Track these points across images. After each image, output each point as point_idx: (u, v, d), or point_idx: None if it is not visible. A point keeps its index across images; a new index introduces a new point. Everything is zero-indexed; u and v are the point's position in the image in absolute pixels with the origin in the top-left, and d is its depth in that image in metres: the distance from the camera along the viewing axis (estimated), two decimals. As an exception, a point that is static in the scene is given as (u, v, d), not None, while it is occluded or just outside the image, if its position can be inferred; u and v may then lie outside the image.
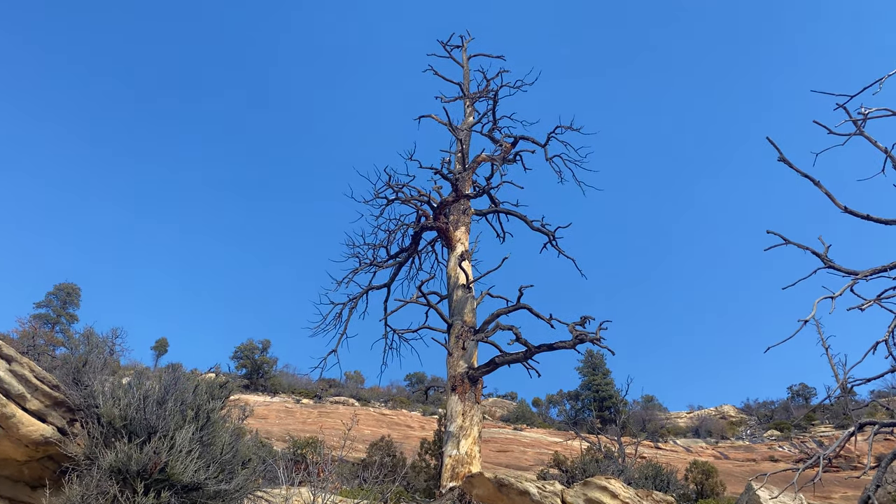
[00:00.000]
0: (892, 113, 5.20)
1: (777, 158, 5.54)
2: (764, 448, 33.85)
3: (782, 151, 5.49)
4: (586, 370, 44.35)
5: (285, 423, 31.15)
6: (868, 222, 5.26)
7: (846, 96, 5.29)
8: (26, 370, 5.05)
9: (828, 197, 5.46)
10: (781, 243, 5.73)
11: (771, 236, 5.86)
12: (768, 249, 5.85)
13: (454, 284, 15.53)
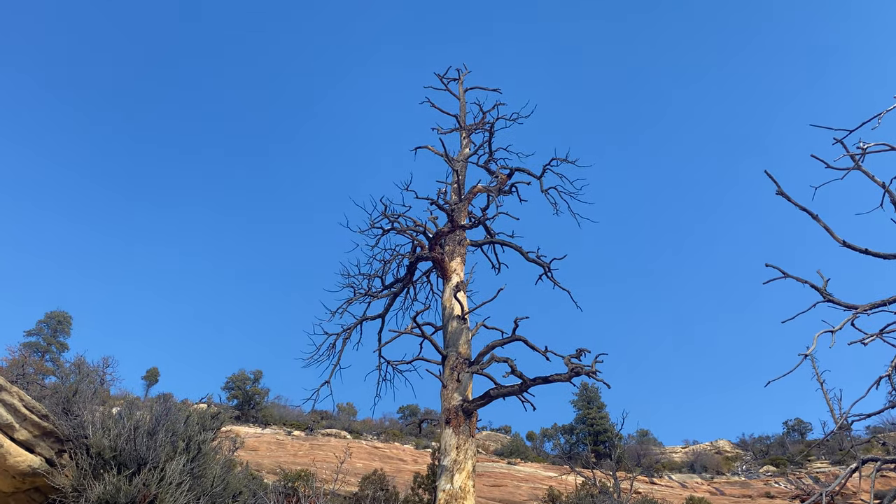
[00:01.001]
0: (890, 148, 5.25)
1: (775, 192, 5.58)
2: (760, 484, 33.51)
3: (781, 185, 5.53)
4: (581, 403, 44.05)
5: (276, 456, 30.72)
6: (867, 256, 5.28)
7: (845, 131, 5.35)
8: (15, 399, 4.97)
9: (826, 231, 5.48)
10: (780, 276, 5.74)
11: (770, 269, 5.87)
12: (767, 283, 5.87)
13: (449, 315, 15.47)
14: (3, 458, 4.68)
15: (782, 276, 5.78)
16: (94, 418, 5.28)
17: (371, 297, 16.78)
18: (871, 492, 5.48)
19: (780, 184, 5.59)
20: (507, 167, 17.57)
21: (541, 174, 17.33)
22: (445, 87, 20.88)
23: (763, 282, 5.99)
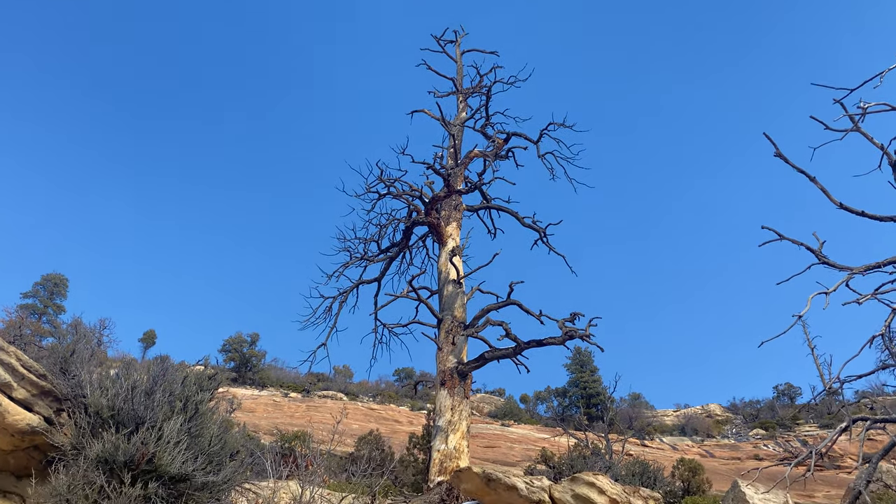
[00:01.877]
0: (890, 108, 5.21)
1: (774, 154, 5.56)
2: (749, 447, 34.11)
3: (779, 147, 5.51)
4: (574, 367, 44.50)
5: (273, 417, 31.08)
6: (863, 219, 5.29)
7: (846, 90, 5.30)
8: (13, 359, 5.00)
9: (823, 193, 5.48)
10: (776, 239, 5.75)
11: (766, 232, 5.88)
12: (763, 245, 5.89)
13: (445, 280, 15.53)
14: (1, 416, 4.73)
15: (778, 238, 5.79)
16: (91, 378, 5.32)
17: (367, 261, 16.83)
18: (859, 449, 5.59)
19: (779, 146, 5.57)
20: (504, 132, 17.48)
21: (538, 139, 17.26)
22: (442, 50, 20.64)
23: (759, 244, 6.02)
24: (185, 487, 5.13)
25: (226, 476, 5.52)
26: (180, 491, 5.10)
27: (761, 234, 5.85)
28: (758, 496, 10.48)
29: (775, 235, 5.76)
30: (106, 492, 4.59)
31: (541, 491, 9.01)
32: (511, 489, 8.88)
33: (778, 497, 10.71)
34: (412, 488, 14.19)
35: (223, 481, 5.50)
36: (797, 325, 5.90)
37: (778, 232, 5.73)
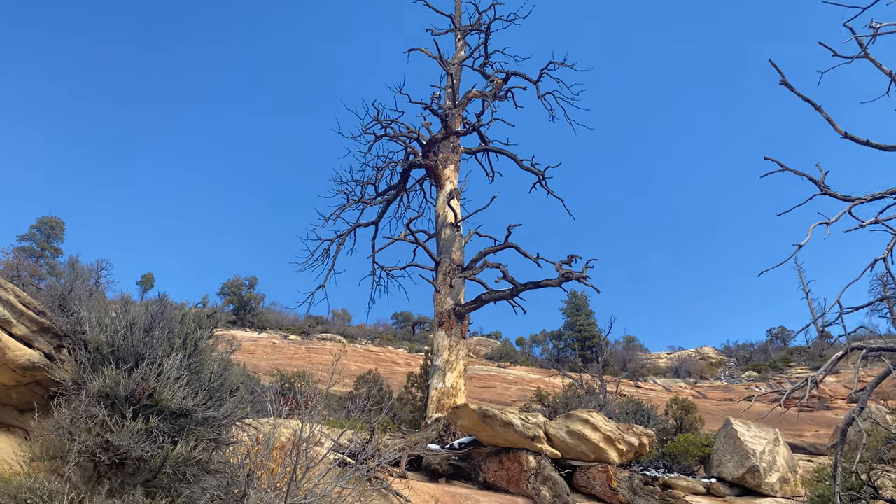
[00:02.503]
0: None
1: (779, 82, 5.44)
2: (741, 388, 34.75)
3: (785, 75, 5.38)
4: (570, 311, 44.92)
5: (273, 359, 31.46)
6: (867, 151, 5.22)
7: (858, 8, 5.12)
8: (11, 295, 5.01)
9: (828, 122, 5.39)
10: (778, 170, 5.69)
11: (768, 163, 5.80)
12: (765, 176, 5.81)
13: (442, 223, 15.51)
14: (2, 352, 4.76)
15: (780, 168, 5.71)
16: (90, 315, 5.33)
17: (364, 203, 16.77)
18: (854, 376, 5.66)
19: (785, 74, 5.43)
20: (503, 71, 17.18)
21: (537, 79, 16.97)
22: (440, -15, 20.07)
23: (761, 175, 5.95)
24: (186, 422, 5.21)
25: (226, 411, 5.60)
26: (181, 425, 5.18)
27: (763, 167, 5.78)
28: (749, 433, 10.73)
29: (778, 167, 5.68)
30: (108, 425, 4.65)
31: (536, 427, 9.20)
32: (507, 425, 9.07)
33: (768, 433, 10.96)
34: (410, 425, 14.51)
35: (224, 416, 5.59)
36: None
37: (780, 163, 5.66)
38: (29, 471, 4.30)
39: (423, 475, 10.00)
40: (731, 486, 10.66)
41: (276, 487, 6.27)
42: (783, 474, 10.55)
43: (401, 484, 8.38)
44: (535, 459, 9.11)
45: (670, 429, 13.54)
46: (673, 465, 11.86)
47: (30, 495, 4.03)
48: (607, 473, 9.19)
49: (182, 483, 5.12)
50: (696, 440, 11.72)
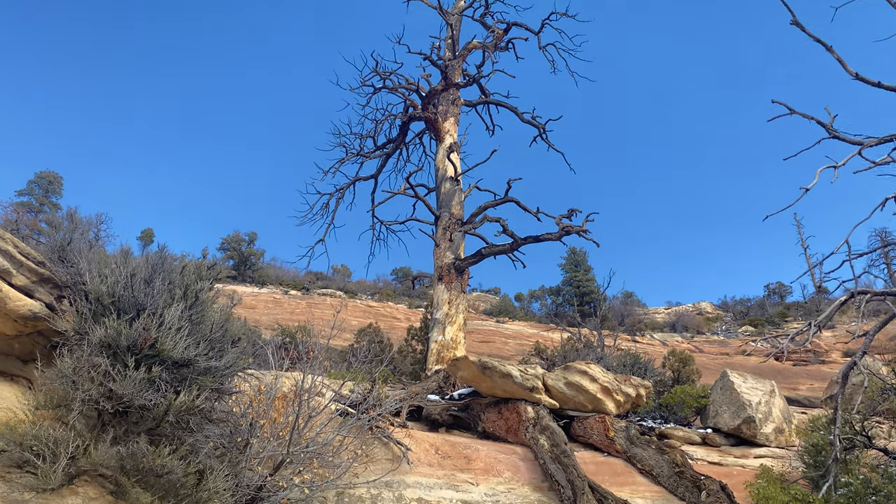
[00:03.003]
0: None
1: (790, 21, 5.31)
2: (738, 343, 35.08)
3: (795, 14, 5.24)
4: (569, 267, 45.02)
5: (273, 313, 31.65)
6: (878, 92, 5.11)
7: None
8: (10, 246, 4.99)
9: (839, 63, 5.28)
10: (786, 113, 5.59)
11: (776, 106, 5.69)
12: (772, 119, 5.72)
13: (442, 177, 15.41)
14: (3, 302, 4.76)
15: (788, 112, 5.61)
16: (90, 266, 5.32)
17: (363, 157, 16.63)
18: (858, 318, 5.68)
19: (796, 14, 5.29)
20: (504, 21, 16.83)
21: (539, 29, 16.64)
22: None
23: (768, 119, 5.85)
24: (189, 372, 5.24)
25: (228, 362, 5.64)
26: (184, 375, 5.21)
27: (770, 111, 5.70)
28: (745, 384, 10.86)
29: (785, 110, 5.59)
30: (111, 374, 4.68)
31: (534, 378, 9.30)
32: (506, 377, 9.16)
33: (765, 385, 11.10)
34: (410, 377, 14.69)
35: (225, 367, 5.62)
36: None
37: (788, 106, 5.57)
38: (33, 419, 4.35)
39: (423, 425, 10.16)
40: (727, 436, 10.84)
41: (279, 436, 6.36)
42: (778, 425, 10.72)
43: (402, 433, 8.51)
44: (533, 410, 9.23)
45: (667, 381, 13.71)
46: (669, 416, 12.05)
47: (35, 442, 4.08)
48: (604, 423, 9.33)
49: (185, 431, 5.19)
50: (692, 391, 11.87)
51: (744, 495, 7.71)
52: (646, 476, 8.49)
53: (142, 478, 4.53)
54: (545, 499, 7.60)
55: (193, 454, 5.03)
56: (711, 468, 9.35)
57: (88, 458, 4.26)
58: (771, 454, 10.07)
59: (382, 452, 7.93)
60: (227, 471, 5.17)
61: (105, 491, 4.43)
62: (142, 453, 4.44)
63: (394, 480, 7.34)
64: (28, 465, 4.03)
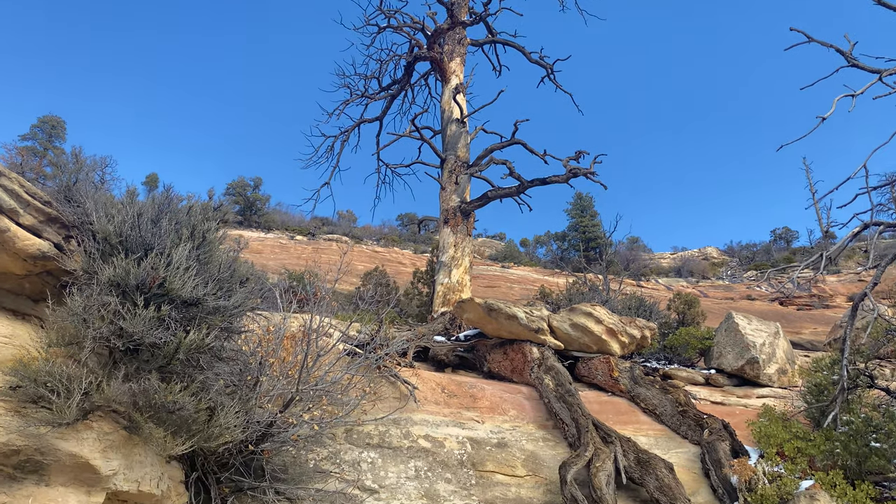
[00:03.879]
0: None
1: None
2: (742, 287, 35.18)
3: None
4: (575, 212, 44.84)
5: (280, 258, 31.83)
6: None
7: None
8: (15, 185, 4.96)
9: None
10: (804, 41, 5.43)
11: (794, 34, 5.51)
12: (790, 48, 5.55)
13: (448, 119, 15.20)
14: (11, 241, 4.76)
15: (806, 40, 5.44)
16: (96, 206, 5.30)
17: (368, 98, 16.39)
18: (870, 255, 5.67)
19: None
20: (512, -44, 16.32)
21: (547, -35, 16.15)
22: None
23: (785, 48, 5.69)
24: (198, 311, 5.28)
25: (236, 301, 5.67)
26: (193, 314, 5.25)
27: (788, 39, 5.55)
28: (750, 326, 10.92)
29: (804, 38, 5.42)
30: (121, 313, 4.71)
31: (540, 320, 9.37)
32: (511, 318, 9.23)
33: (769, 327, 11.16)
34: (417, 319, 14.83)
35: (234, 306, 5.66)
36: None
37: (806, 34, 5.40)
38: (46, 356, 4.40)
39: (429, 365, 10.30)
40: (730, 376, 10.97)
41: (288, 375, 6.45)
42: (781, 366, 10.83)
43: (408, 372, 8.63)
44: (538, 350, 9.33)
45: (672, 323, 13.81)
46: (674, 358, 12.18)
47: (49, 378, 4.14)
48: (609, 364, 9.44)
49: (196, 369, 5.26)
50: (697, 333, 11.96)
51: (746, 433, 7.84)
52: (649, 415, 8.63)
53: (154, 414, 4.61)
54: (549, 436, 7.75)
55: (204, 391, 5.11)
56: (714, 408, 9.49)
57: (101, 395, 4.33)
58: (773, 394, 10.21)
59: (390, 391, 8.06)
60: (238, 407, 5.27)
61: (119, 426, 4.52)
62: (153, 390, 4.50)
63: (401, 418, 7.48)
64: (43, 400, 4.10)
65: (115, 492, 4.30)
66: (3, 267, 4.96)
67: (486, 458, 7.05)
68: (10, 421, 3.89)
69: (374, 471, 6.55)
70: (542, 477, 6.90)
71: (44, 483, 3.96)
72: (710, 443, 7.40)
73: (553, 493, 6.63)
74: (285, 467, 6.27)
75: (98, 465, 4.11)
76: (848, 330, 5.57)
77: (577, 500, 6.01)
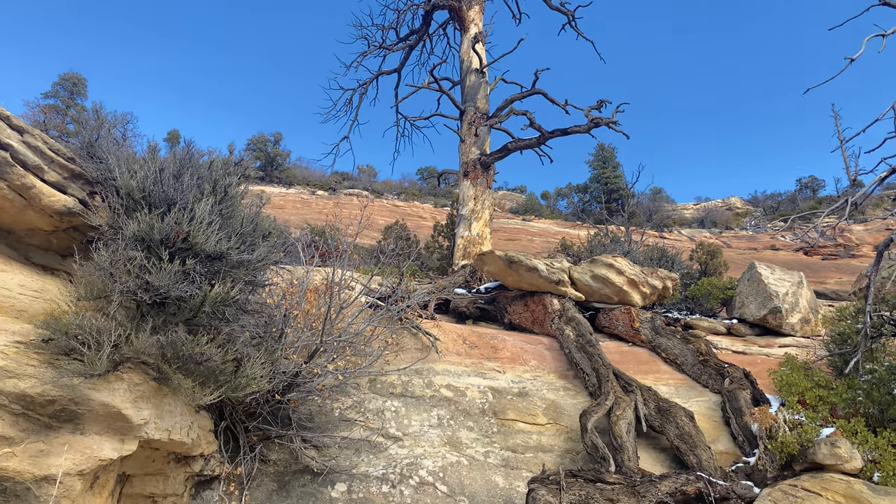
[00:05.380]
0: None
1: None
2: (766, 238, 34.77)
3: None
4: (596, 163, 44.35)
5: (302, 213, 32.00)
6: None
7: None
8: (39, 142, 5.01)
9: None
10: None
11: None
12: None
13: (467, 69, 14.97)
14: (38, 197, 4.83)
15: None
16: (119, 162, 5.35)
17: (386, 49, 16.16)
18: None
19: None
20: None
21: None
22: None
23: None
24: (222, 265, 5.35)
25: (260, 255, 5.74)
26: (217, 268, 5.32)
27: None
28: (773, 276, 10.83)
29: None
30: (146, 267, 4.79)
31: (560, 272, 9.37)
32: (532, 270, 9.24)
33: (792, 276, 11.06)
34: (437, 272, 14.91)
35: (258, 260, 5.73)
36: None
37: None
38: (76, 310, 4.50)
39: (450, 317, 10.40)
40: (752, 326, 10.94)
41: (312, 327, 6.56)
42: (804, 315, 10.76)
43: (430, 324, 8.73)
44: (559, 302, 9.36)
45: (694, 273, 13.73)
46: (695, 308, 12.14)
47: (79, 331, 4.24)
48: (630, 314, 9.44)
49: (222, 322, 5.35)
50: (719, 283, 11.89)
51: (767, 382, 7.86)
52: (670, 364, 8.67)
53: (182, 365, 4.72)
54: (570, 386, 7.84)
55: (231, 343, 5.21)
56: (735, 357, 9.50)
57: (131, 347, 4.44)
58: (796, 343, 10.17)
59: (412, 342, 8.17)
60: (264, 358, 5.38)
61: (148, 377, 4.64)
62: (181, 342, 4.61)
63: (423, 368, 7.60)
64: (74, 352, 4.21)
65: (147, 440, 4.44)
66: (31, 223, 5.05)
67: (508, 406, 7.16)
68: (44, 372, 4.01)
69: (397, 419, 6.69)
70: (563, 425, 7.00)
71: (79, 432, 4.10)
72: (731, 391, 7.43)
73: (574, 440, 6.74)
74: (311, 416, 6.43)
75: (130, 414, 4.24)
76: (873, 276, 5.51)
77: (597, 447, 6.11)
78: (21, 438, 3.84)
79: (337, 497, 5.53)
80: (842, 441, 5.89)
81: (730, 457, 6.75)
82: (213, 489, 5.41)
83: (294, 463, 5.82)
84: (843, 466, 5.77)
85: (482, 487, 5.87)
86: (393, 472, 5.85)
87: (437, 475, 5.89)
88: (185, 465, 5.25)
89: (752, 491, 5.96)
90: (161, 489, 5.06)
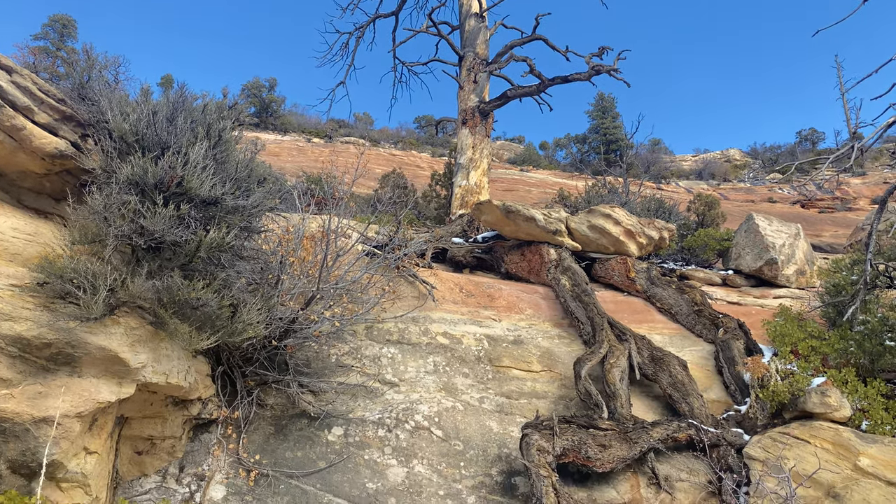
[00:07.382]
0: None
1: None
2: (764, 190, 34.68)
3: None
4: (596, 114, 43.84)
5: (298, 161, 31.72)
6: None
7: None
8: (28, 82, 4.89)
9: None
10: None
11: None
12: None
13: (466, 13, 14.62)
14: (28, 140, 4.75)
15: None
16: (111, 104, 5.24)
17: (383, -9, 15.76)
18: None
19: None
20: None
21: None
22: None
23: None
24: (217, 211, 5.30)
25: (255, 201, 5.68)
26: (212, 214, 5.28)
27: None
28: (770, 227, 10.83)
29: None
30: (141, 211, 4.75)
31: (557, 222, 9.34)
32: (529, 220, 9.21)
33: (790, 228, 11.06)
34: (435, 221, 14.87)
35: (253, 206, 5.68)
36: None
37: None
38: (71, 254, 4.47)
39: (447, 266, 10.41)
40: (748, 277, 10.99)
41: (308, 274, 6.55)
42: (800, 267, 10.80)
43: (427, 273, 8.74)
44: (555, 252, 9.36)
45: (691, 224, 13.72)
46: (691, 259, 12.17)
47: (75, 275, 4.22)
48: (626, 264, 9.46)
49: (217, 267, 5.34)
50: (715, 234, 11.89)
51: (761, 333, 7.93)
52: (665, 314, 8.73)
53: (178, 310, 4.72)
54: (565, 334, 7.90)
55: (227, 289, 5.21)
56: (730, 307, 9.57)
57: (126, 291, 4.43)
58: (791, 295, 10.24)
59: (409, 291, 8.20)
60: (260, 304, 5.38)
61: (145, 322, 4.65)
62: (177, 287, 4.59)
63: (420, 316, 7.64)
64: (70, 296, 4.20)
65: (144, 383, 4.48)
66: (22, 165, 4.98)
67: (503, 354, 7.23)
68: (39, 315, 4.01)
69: (394, 365, 6.76)
70: (557, 373, 7.08)
71: (76, 374, 4.13)
72: (725, 341, 7.51)
73: (567, 387, 6.83)
74: (308, 362, 6.49)
75: (127, 357, 4.26)
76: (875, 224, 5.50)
77: (591, 394, 6.19)
78: (19, 380, 3.86)
79: (333, 440, 5.62)
80: (832, 390, 5.98)
81: (722, 405, 6.87)
82: (210, 432, 5.49)
83: (291, 407, 5.89)
84: (833, 415, 5.87)
85: (477, 432, 5.97)
86: (389, 416, 5.93)
87: (433, 420, 5.98)
88: (183, 409, 5.31)
89: (742, 438, 6.07)
90: (160, 431, 5.13)
